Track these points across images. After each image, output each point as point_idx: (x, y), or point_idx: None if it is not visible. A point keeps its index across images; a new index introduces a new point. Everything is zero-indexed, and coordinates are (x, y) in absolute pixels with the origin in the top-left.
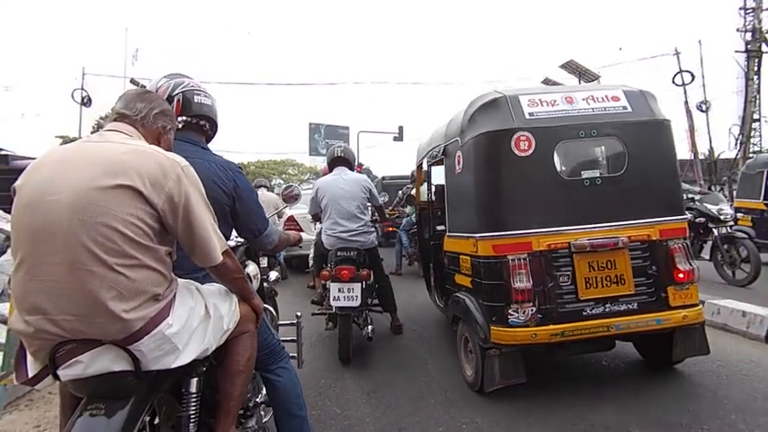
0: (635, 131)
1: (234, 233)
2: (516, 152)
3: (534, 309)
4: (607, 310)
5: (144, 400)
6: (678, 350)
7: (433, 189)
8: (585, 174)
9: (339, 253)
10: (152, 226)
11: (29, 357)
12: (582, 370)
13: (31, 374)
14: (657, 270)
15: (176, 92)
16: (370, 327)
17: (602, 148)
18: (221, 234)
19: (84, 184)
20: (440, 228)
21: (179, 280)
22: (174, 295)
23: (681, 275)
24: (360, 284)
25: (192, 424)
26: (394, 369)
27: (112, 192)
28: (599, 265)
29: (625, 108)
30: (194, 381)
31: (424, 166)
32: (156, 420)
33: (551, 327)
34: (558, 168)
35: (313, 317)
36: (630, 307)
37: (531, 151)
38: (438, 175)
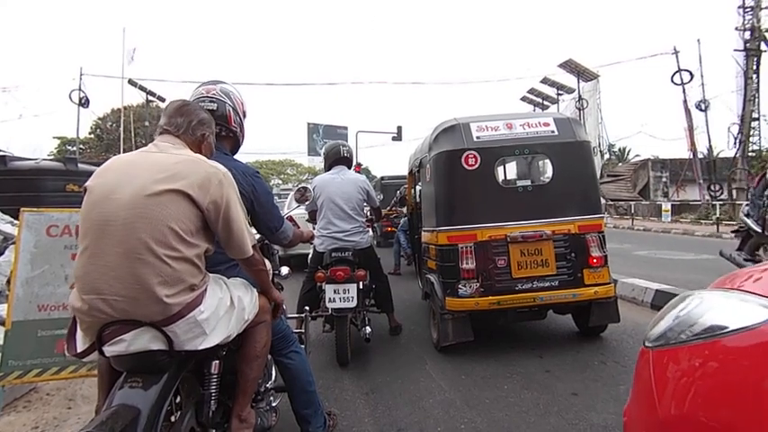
0: (560, 150)
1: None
2: (466, 166)
3: (478, 284)
4: (534, 285)
5: (174, 377)
6: (594, 318)
7: (419, 192)
8: (520, 183)
9: (333, 254)
10: (196, 224)
11: (79, 334)
12: (580, 371)
13: (80, 349)
14: (575, 256)
15: None
16: (368, 328)
17: (534, 163)
18: (251, 230)
19: (142, 186)
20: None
21: (210, 275)
22: (206, 287)
23: (594, 261)
24: (355, 285)
25: (212, 401)
26: (393, 369)
27: (168, 194)
28: (528, 251)
29: (553, 132)
30: (215, 363)
31: (414, 173)
32: (178, 399)
33: (490, 297)
34: (499, 178)
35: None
36: (553, 284)
37: (477, 166)
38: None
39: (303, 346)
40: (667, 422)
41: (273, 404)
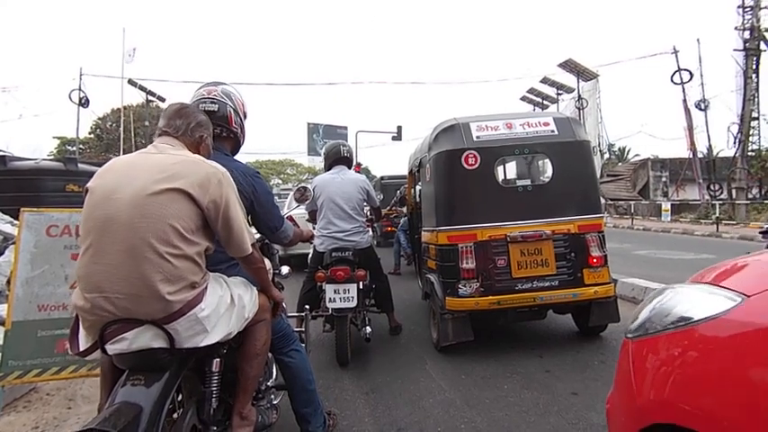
0: (560, 150)
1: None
2: (465, 166)
3: (478, 284)
4: (534, 285)
5: (176, 375)
6: (593, 318)
7: (418, 192)
8: (519, 182)
9: (334, 254)
10: (197, 223)
11: (81, 333)
12: (580, 370)
13: (82, 348)
14: (575, 256)
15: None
16: (368, 328)
17: (534, 162)
18: (250, 229)
19: (143, 187)
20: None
21: (210, 273)
22: (207, 285)
23: (594, 260)
24: (356, 285)
25: (213, 399)
26: (393, 369)
27: (169, 193)
28: (528, 251)
29: (553, 131)
30: (216, 361)
31: (414, 172)
32: (180, 397)
33: (490, 297)
34: (499, 178)
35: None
36: (552, 284)
37: (477, 165)
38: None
39: (304, 344)
40: (645, 407)
41: (275, 402)
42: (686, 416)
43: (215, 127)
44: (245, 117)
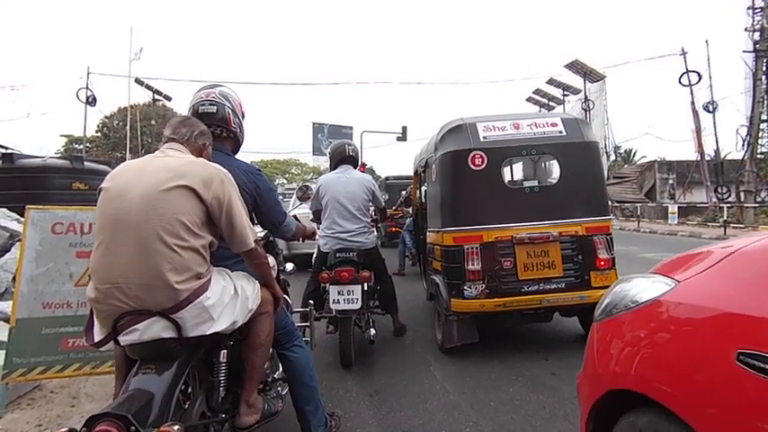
0: (568, 151)
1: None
2: (472, 167)
3: (483, 285)
4: (540, 288)
5: (185, 364)
6: None
7: (424, 193)
8: (527, 183)
9: (338, 254)
10: (202, 218)
11: (96, 325)
12: None
13: (97, 339)
14: (582, 258)
15: (193, 109)
16: (372, 330)
17: (541, 163)
18: (252, 226)
19: (153, 185)
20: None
21: (214, 267)
22: (211, 276)
23: (602, 263)
24: (360, 286)
25: (221, 388)
26: (397, 371)
27: (177, 190)
28: (535, 253)
29: (561, 132)
30: (223, 352)
31: (420, 173)
32: (189, 388)
33: (496, 299)
34: (505, 179)
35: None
36: (559, 286)
37: (483, 166)
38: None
39: (308, 339)
40: (602, 377)
41: (282, 393)
42: (634, 382)
43: (215, 128)
44: (242, 117)
